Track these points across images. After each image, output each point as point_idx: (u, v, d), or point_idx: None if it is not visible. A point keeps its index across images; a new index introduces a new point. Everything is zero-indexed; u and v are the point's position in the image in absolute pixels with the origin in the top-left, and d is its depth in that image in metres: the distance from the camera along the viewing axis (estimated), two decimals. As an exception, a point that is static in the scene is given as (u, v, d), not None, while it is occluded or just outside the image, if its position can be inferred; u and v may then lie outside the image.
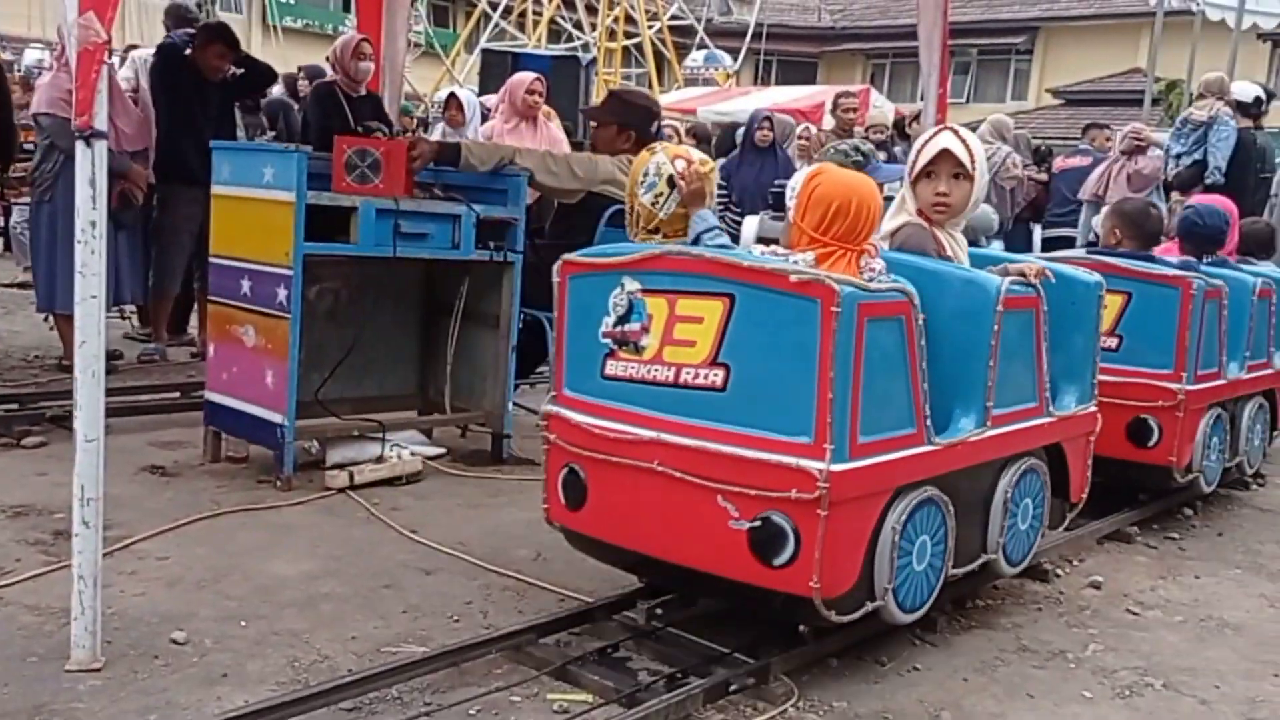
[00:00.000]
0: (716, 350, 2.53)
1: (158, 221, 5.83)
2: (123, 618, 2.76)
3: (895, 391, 2.55)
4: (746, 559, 2.48)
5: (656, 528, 2.64)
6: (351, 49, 5.63)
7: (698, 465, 2.53)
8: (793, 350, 2.42)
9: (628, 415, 2.66)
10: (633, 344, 2.66)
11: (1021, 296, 2.89)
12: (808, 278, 2.42)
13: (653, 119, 5.10)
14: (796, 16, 34.75)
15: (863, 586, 2.55)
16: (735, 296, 2.51)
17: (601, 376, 2.73)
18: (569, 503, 2.85)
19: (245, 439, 4.16)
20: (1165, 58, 16.98)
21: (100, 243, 2.37)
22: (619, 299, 2.68)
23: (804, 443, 2.40)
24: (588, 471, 2.77)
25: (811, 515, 2.39)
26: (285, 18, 25.42)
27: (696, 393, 2.56)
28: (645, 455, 2.61)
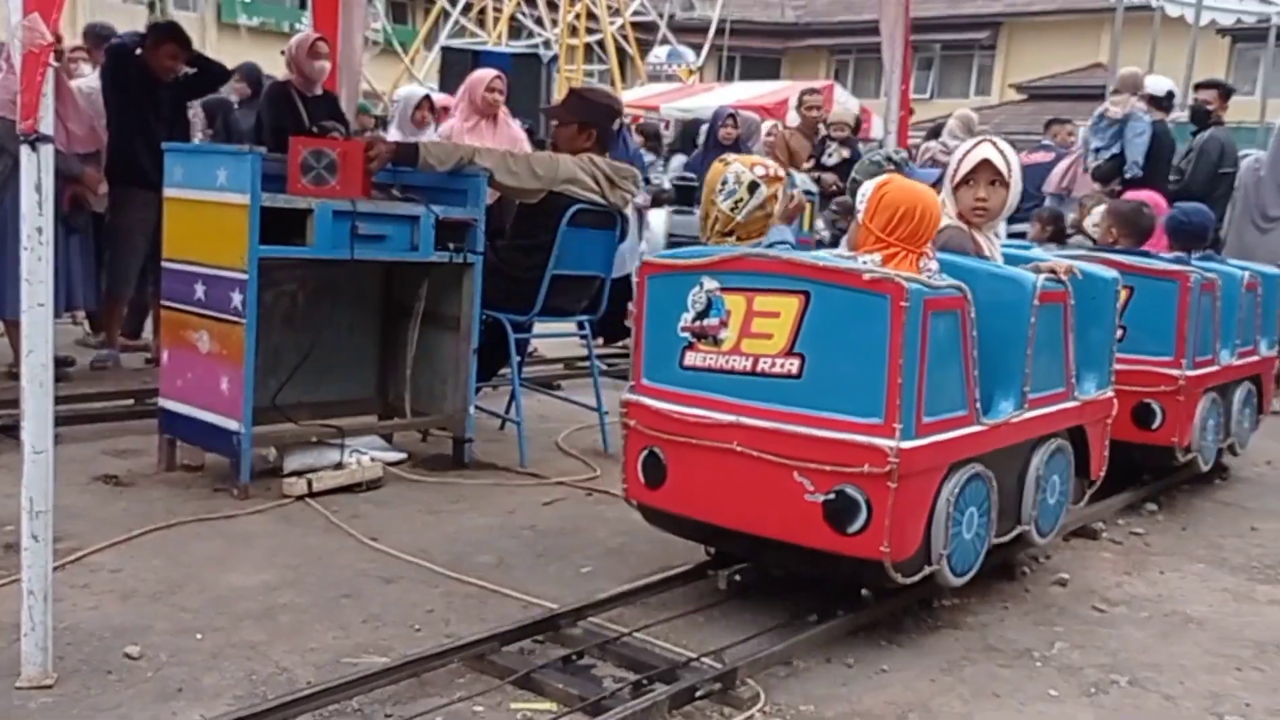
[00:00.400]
0: (792, 342, 2.81)
1: (110, 225, 5.72)
2: (75, 632, 2.69)
3: (951, 377, 2.83)
4: (821, 528, 2.75)
5: (734, 502, 2.90)
6: (306, 48, 5.56)
7: (775, 445, 2.80)
8: (865, 340, 2.70)
9: (706, 401, 2.94)
10: (711, 337, 2.94)
11: (1053, 291, 3.20)
12: (879, 276, 2.72)
13: (614, 117, 5.07)
14: (760, 12, 34.80)
15: (922, 552, 2.81)
16: (811, 293, 2.79)
17: (680, 367, 3.01)
18: (648, 482, 3.11)
19: (200, 447, 4.09)
20: (1126, 53, 17.12)
21: (47, 249, 2.30)
22: (698, 296, 2.96)
23: (875, 423, 2.68)
24: (667, 453, 3.04)
25: (883, 488, 2.67)
26: (241, 15, 25.15)
27: (773, 380, 2.83)
28: (724, 437, 2.88)
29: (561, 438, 5.04)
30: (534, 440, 4.73)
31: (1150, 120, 7.30)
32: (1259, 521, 4.34)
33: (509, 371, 4.78)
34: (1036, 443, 3.22)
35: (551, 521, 3.84)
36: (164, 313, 4.15)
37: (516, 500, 4.07)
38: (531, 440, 4.67)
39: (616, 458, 4.73)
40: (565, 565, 3.42)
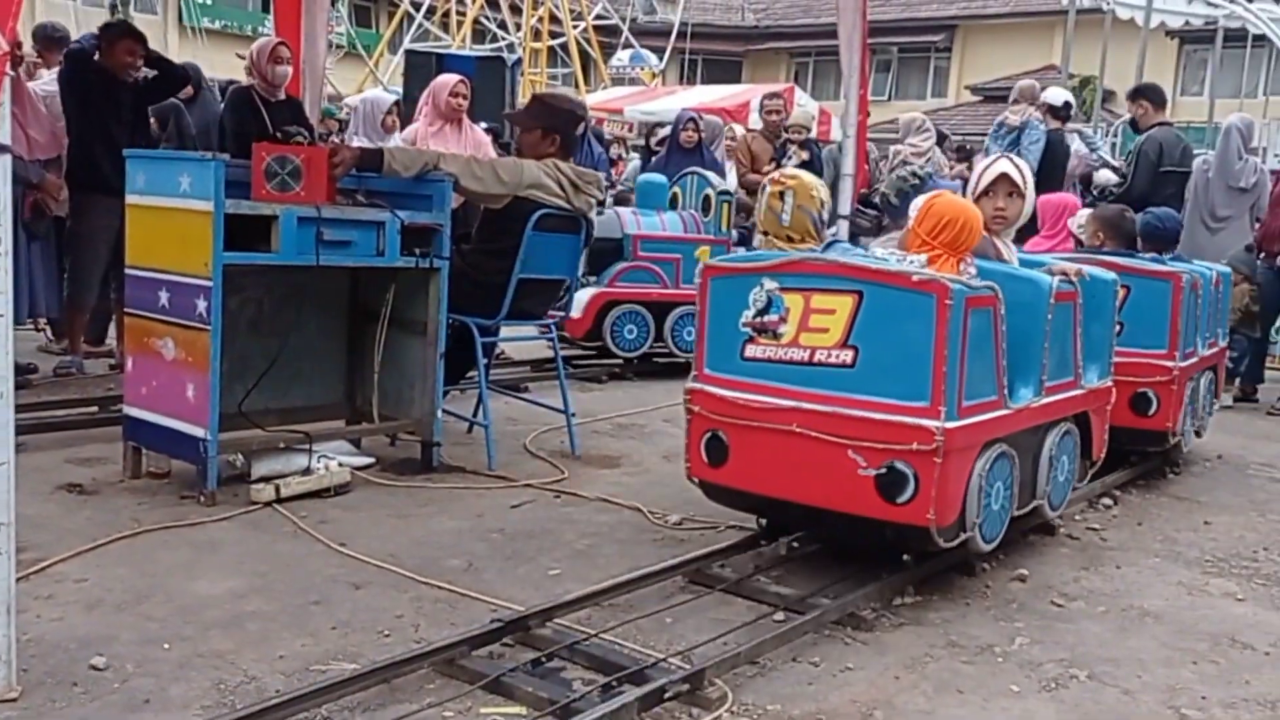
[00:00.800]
0: (847, 335, 3.16)
1: (71, 231, 5.67)
2: (39, 644, 2.67)
3: (985, 366, 3.20)
4: (873, 499, 3.10)
5: (792, 477, 3.25)
6: (268, 53, 5.54)
7: (831, 426, 3.15)
8: (913, 333, 3.05)
9: (766, 389, 3.28)
10: (771, 331, 3.28)
11: (1066, 291, 3.62)
12: (926, 277, 3.07)
13: (577, 122, 5.10)
14: (720, 16, 34.95)
15: (959, 521, 3.16)
16: (864, 293, 3.13)
17: (741, 358, 3.35)
18: (710, 461, 3.45)
19: (166, 454, 4.06)
20: (1078, 55, 17.38)
21: (6, 259, 2.29)
22: (759, 296, 3.30)
23: (922, 406, 3.04)
24: (729, 435, 3.37)
25: (929, 463, 3.02)
26: (203, 19, 24.91)
27: (829, 369, 3.19)
28: (784, 420, 3.22)
29: (529, 440, 5.06)
30: (502, 443, 4.74)
31: (1045, 129, 7.57)
32: (1212, 515, 4.43)
33: (475, 374, 4.79)
34: (1050, 426, 3.62)
35: (520, 524, 3.86)
36: (128, 320, 4.12)
37: (485, 503, 4.08)
38: (499, 443, 4.69)
39: (584, 459, 4.78)
40: (534, 568, 3.43)
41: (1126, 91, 8.52)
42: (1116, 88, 19.07)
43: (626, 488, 4.38)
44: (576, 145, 5.18)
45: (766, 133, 9.27)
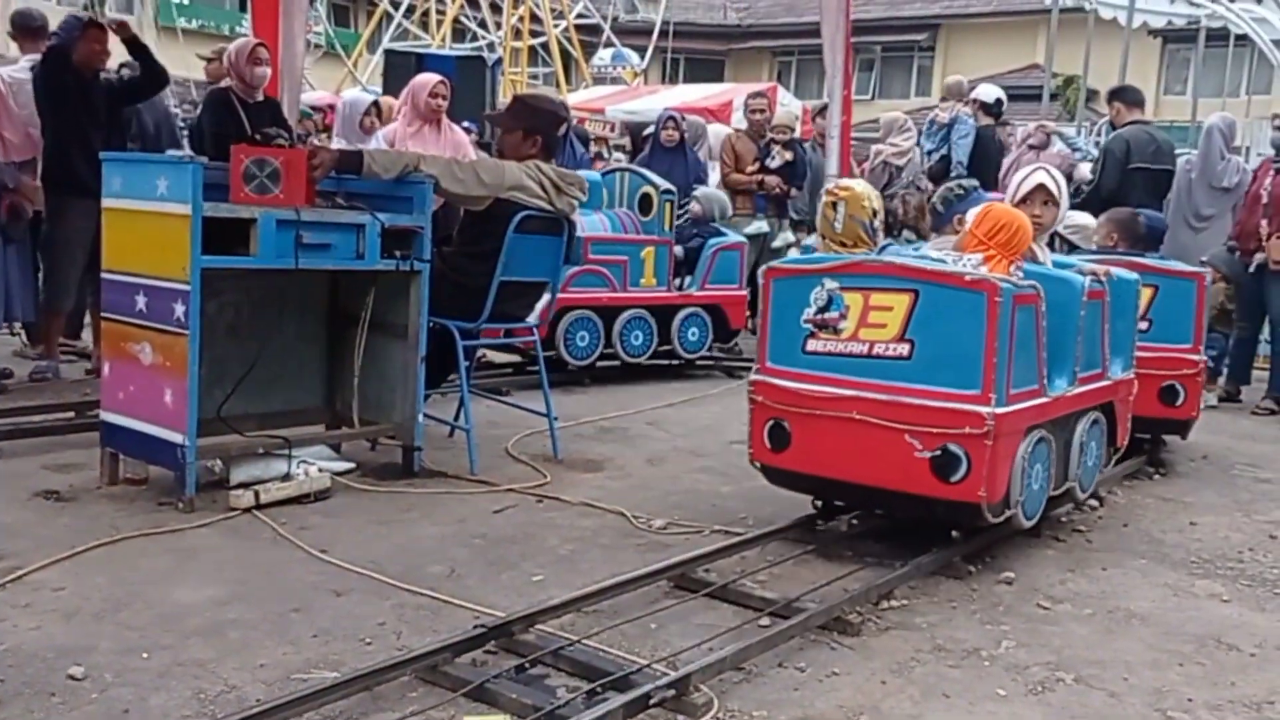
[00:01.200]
0: (904, 330, 3.44)
1: (48, 234, 5.61)
2: (16, 654, 2.64)
3: (1028, 357, 3.50)
4: (928, 478, 3.39)
5: (852, 460, 3.54)
6: (247, 54, 5.50)
7: (889, 413, 3.44)
8: (966, 328, 3.34)
9: (827, 380, 3.58)
10: (832, 327, 3.56)
11: (1096, 290, 3.94)
12: (978, 277, 3.38)
13: (559, 123, 5.08)
14: (703, 14, 34.95)
15: (1004, 499, 3.46)
16: (920, 291, 3.42)
17: (802, 352, 3.64)
18: (773, 447, 3.73)
19: (144, 460, 4.02)
20: (1061, 54, 17.44)
21: (-22, 266, 2.25)
22: (819, 295, 3.58)
23: (974, 393, 3.34)
24: (791, 422, 3.66)
25: (980, 445, 3.32)
26: (180, 18, 24.74)
27: (886, 361, 3.48)
28: (844, 408, 3.52)
29: (511, 444, 5.03)
30: (483, 447, 4.71)
31: (973, 124, 7.63)
32: (1197, 516, 4.44)
33: (456, 378, 4.75)
34: (1081, 414, 3.93)
35: (503, 529, 3.83)
36: (105, 324, 4.07)
37: (467, 508, 4.05)
38: (481, 447, 4.65)
39: (567, 463, 4.76)
40: (517, 573, 3.41)
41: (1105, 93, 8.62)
42: (1100, 87, 19.13)
43: (610, 492, 4.36)
44: (558, 146, 5.15)
45: (751, 132, 9.26)
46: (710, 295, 7.33)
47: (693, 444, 5.34)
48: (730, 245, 7.47)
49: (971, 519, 3.49)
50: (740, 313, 7.64)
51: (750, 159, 8.94)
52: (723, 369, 7.57)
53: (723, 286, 7.41)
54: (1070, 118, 19.79)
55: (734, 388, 6.99)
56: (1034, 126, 8.61)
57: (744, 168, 8.91)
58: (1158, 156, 7.28)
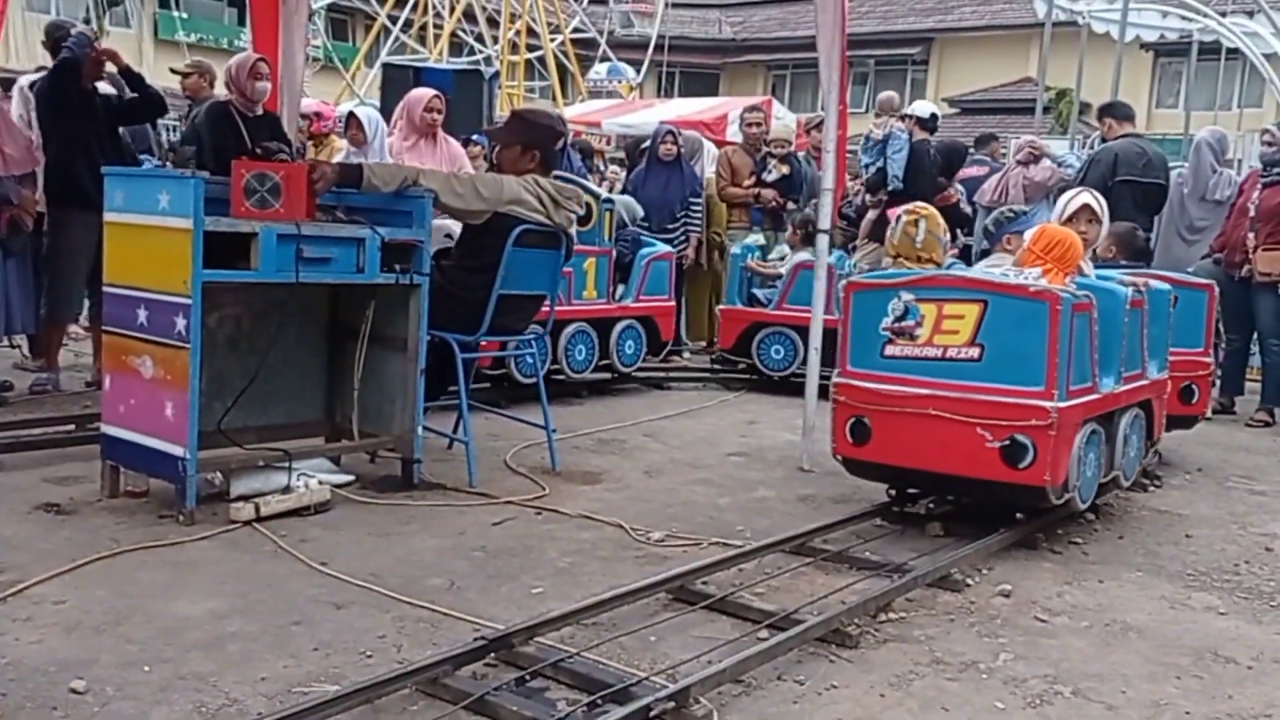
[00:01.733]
0: (974, 335, 3.90)
1: (50, 247, 5.62)
2: (18, 668, 2.64)
3: (1083, 358, 3.94)
4: (998, 465, 3.84)
5: (928, 451, 3.97)
6: (248, 69, 5.51)
7: (962, 408, 3.88)
8: (1030, 332, 3.81)
9: (905, 380, 4.01)
10: (908, 334, 4.00)
11: (1137, 299, 4.37)
12: (1041, 288, 3.86)
13: (556, 138, 5.10)
14: (698, 28, 35.10)
15: (1064, 484, 3.89)
16: (989, 301, 3.89)
17: (881, 356, 4.07)
18: (855, 441, 4.15)
19: (145, 473, 4.02)
20: (1054, 67, 17.52)
21: (-15, 280, 2.27)
22: (897, 306, 4.03)
23: (1039, 390, 3.79)
24: (872, 419, 4.09)
25: (1045, 435, 3.77)
26: (179, 32, 24.80)
27: (959, 363, 3.93)
28: (921, 404, 3.96)
29: (510, 456, 5.04)
30: (482, 459, 4.73)
31: (906, 139, 7.89)
32: (1193, 528, 4.46)
33: (455, 388, 4.76)
34: (1124, 409, 4.34)
35: (502, 542, 3.84)
36: (106, 338, 4.08)
37: (466, 521, 4.06)
38: (480, 459, 4.67)
39: (565, 476, 4.77)
40: (516, 586, 3.42)
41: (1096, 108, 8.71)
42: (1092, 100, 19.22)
43: (608, 504, 4.37)
44: (556, 161, 5.17)
45: (747, 146, 9.29)
46: (644, 307, 7.15)
47: (690, 456, 5.36)
48: (661, 255, 7.30)
49: (1036, 501, 3.94)
50: (670, 324, 7.48)
51: (746, 173, 8.98)
52: (718, 381, 7.60)
53: (655, 297, 7.25)
54: (1063, 131, 19.90)
55: (729, 400, 7.03)
56: (1024, 142, 8.67)
57: (740, 181, 8.94)
58: (1148, 170, 7.30)
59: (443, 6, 25.81)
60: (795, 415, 5.81)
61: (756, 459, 5.37)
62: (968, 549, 3.81)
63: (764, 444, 5.71)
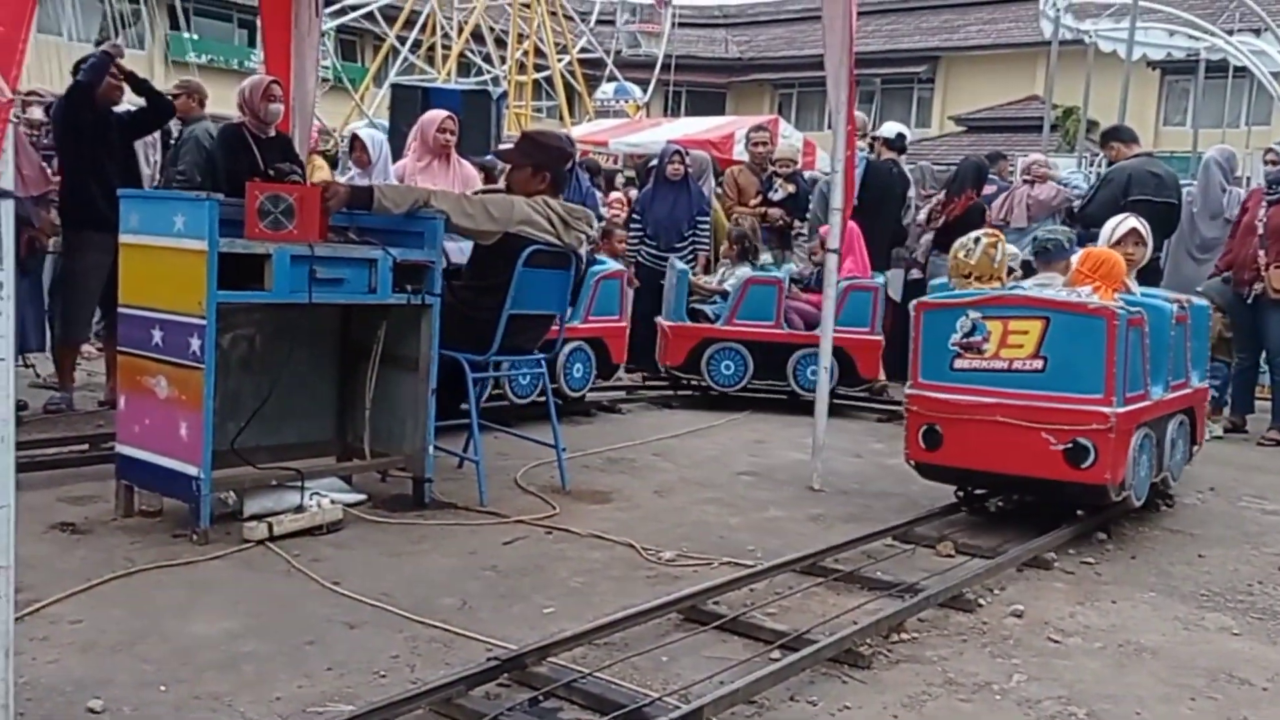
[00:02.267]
0: (1038, 348, 4.27)
1: (65, 268, 5.67)
2: (35, 687, 2.65)
3: (1136, 368, 4.33)
4: (1062, 466, 4.20)
5: (996, 454, 4.34)
6: (261, 91, 5.55)
7: (1027, 415, 4.25)
8: (1090, 345, 4.19)
9: (974, 390, 4.37)
10: (976, 349, 4.37)
11: (1181, 315, 4.78)
12: (1099, 305, 4.27)
13: (566, 159, 5.14)
14: (704, 48, 35.27)
15: (1122, 483, 4.27)
16: (1050, 318, 4.28)
17: (950, 369, 4.44)
18: (927, 447, 4.51)
19: (159, 492, 4.04)
20: (1061, 85, 17.59)
21: (9, 304, 2.28)
22: (965, 323, 4.41)
23: (1099, 397, 4.17)
24: (943, 426, 4.45)
25: (1105, 438, 4.15)
26: (190, 53, 24.98)
27: (1024, 374, 4.30)
28: (989, 412, 4.32)
29: (520, 475, 5.05)
30: (492, 478, 4.74)
31: (866, 158, 8.10)
32: (1205, 548, 4.45)
33: (466, 405, 4.77)
34: (1171, 415, 4.74)
35: (513, 561, 3.85)
36: (121, 358, 4.10)
37: (477, 540, 4.07)
38: (490, 478, 4.69)
39: (575, 495, 4.78)
40: (528, 606, 3.42)
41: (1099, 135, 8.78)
42: (1099, 117, 19.26)
43: (618, 523, 4.38)
44: (566, 182, 5.21)
45: (753, 165, 9.33)
46: (593, 328, 6.81)
47: (699, 475, 5.36)
48: (611, 274, 7.00)
49: (1097, 499, 4.33)
50: (621, 346, 7.19)
51: (753, 192, 9.01)
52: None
53: (605, 318, 6.93)
54: (1070, 148, 19.91)
55: (738, 419, 7.03)
56: (1031, 160, 8.71)
57: (747, 201, 8.97)
58: (1161, 189, 7.29)
59: (451, 27, 25.99)
60: (803, 434, 5.83)
61: (766, 478, 5.38)
62: (979, 569, 3.81)
63: (773, 463, 5.72)
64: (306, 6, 6.15)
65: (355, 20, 26.07)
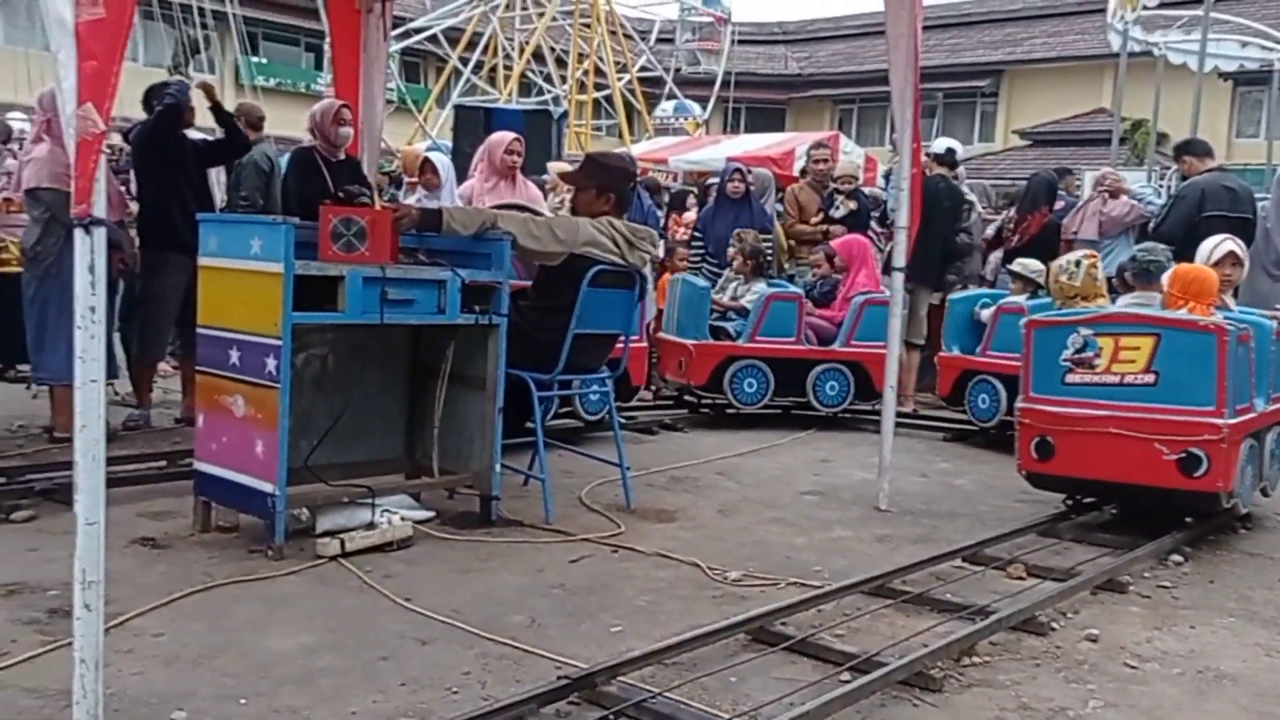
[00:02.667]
0: (1149, 363, 4.49)
1: (144, 288, 5.83)
2: (122, 698, 2.73)
3: (1243, 382, 4.54)
4: (1174, 475, 4.41)
5: (1109, 464, 4.55)
6: (332, 115, 5.67)
7: (1140, 427, 4.46)
8: (1201, 360, 4.40)
9: (1086, 404, 4.61)
10: (1088, 364, 4.60)
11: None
12: (1210, 322, 4.48)
13: (629, 180, 5.18)
14: (764, 64, 35.27)
15: (1231, 491, 4.46)
16: (1161, 335, 4.49)
17: (1062, 384, 4.67)
18: (1039, 458, 4.72)
19: (236, 508, 4.14)
20: (1129, 98, 17.29)
21: (99, 328, 2.37)
22: (1076, 340, 4.64)
23: (1210, 409, 4.38)
24: (1056, 438, 4.67)
25: (1217, 448, 4.35)
26: (258, 77, 25.52)
27: (1136, 388, 4.51)
28: (1102, 424, 4.54)
29: (584, 493, 5.08)
30: (557, 496, 4.78)
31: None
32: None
33: (531, 424, 4.82)
34: (1270, 427, 4.94)
35: (580, 579, 3.87)
36: (199, 378, 4.21)
37: (544, 558, 4.10)
38: (555, 496, 4.72)
39: (639, 513, 4.80)
40: (596, 624, 3.44)
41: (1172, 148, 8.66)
42: (1169, 130, 18.94)
43: (683, 542, 4.39)
44: (630, 202, 5.24)
45: (814, 182, 9.30)
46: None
47: (763, 494, 5.35)
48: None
49: (1208, 506, 4.55)
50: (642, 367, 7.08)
51: (814, 209, 8.97)
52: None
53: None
54: (1139, 162, 19.59)
55: (802, 437, 7.00)
56: (1103, 175, 8.59)
57: (807, 218, 8.94)
58: (1235, 204, 7.15)
59: (512, 48, 26.29)
60: (868, 453, 5.79)
61: (831, 498, 5.35)
62: (1052, 591, 3.76)
63: (838, 482, 5.69)
64: (375, 31, 6.28)
65: (419, 43, 26.48)
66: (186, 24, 20.73)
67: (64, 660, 2.54)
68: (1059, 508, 5.04)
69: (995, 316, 6.90)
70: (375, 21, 6.19)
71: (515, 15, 26.69)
